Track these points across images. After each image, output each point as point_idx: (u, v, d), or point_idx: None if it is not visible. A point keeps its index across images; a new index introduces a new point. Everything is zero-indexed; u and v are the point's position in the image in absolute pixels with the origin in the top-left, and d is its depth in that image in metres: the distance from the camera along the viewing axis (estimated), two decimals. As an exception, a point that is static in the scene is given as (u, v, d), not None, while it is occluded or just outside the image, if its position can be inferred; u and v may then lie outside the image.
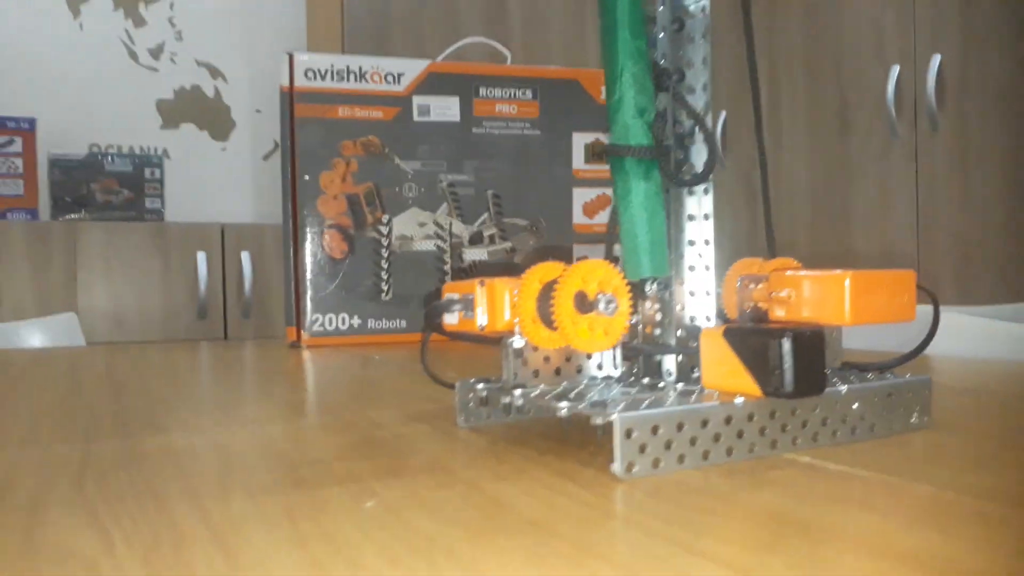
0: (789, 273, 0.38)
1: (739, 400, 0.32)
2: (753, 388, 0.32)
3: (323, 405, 0.49)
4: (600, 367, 0.39)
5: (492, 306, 0.36)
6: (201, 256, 1.89)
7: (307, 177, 0.97)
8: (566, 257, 1.05)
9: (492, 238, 1.03)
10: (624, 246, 0.36)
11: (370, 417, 0.43)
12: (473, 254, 1.03)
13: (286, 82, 0.97)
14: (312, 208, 0.97)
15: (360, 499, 0.27)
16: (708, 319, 0.38)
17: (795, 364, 0.31)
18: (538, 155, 1.04)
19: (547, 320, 0.33)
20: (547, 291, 0.33)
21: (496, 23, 2.23)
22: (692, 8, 0.38)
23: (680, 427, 0.30)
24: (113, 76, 2.15)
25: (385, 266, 1.00)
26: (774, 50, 1.99)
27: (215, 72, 2.26)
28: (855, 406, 0.35)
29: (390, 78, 1.00)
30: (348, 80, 0.98)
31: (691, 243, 0.38)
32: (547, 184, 1.04)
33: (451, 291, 0.39)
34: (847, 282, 0.35)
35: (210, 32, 2.27)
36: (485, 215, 1.03)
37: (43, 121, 1.98)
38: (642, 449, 0.29)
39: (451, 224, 1.01)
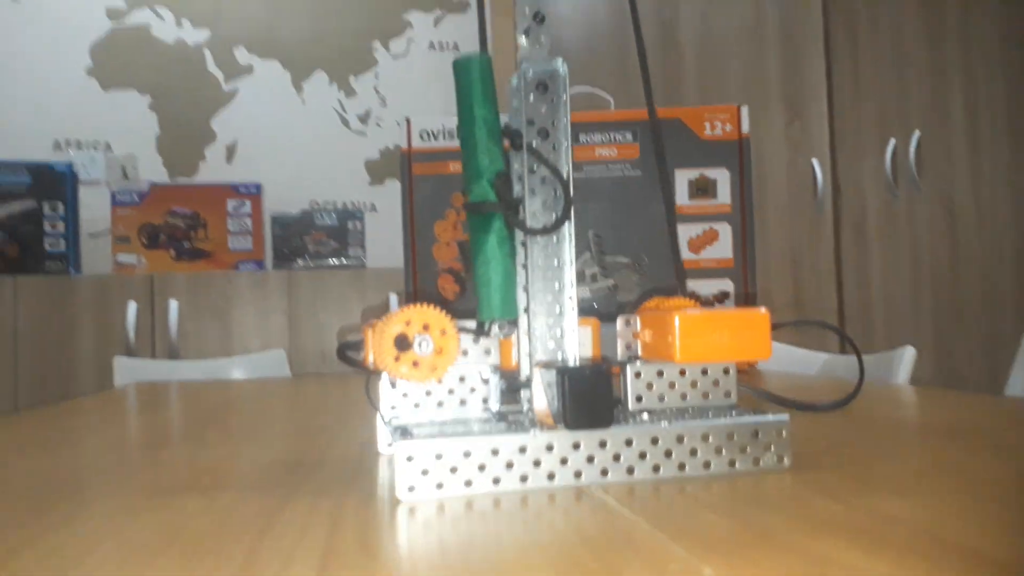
0: (645, 313, 0.40)
1: (535, 431, 0.35)
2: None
3: (319, 430, 0.57)
4: (486, 401, 0.43)
5: (376, 346, 0.42)
6: (393, 297, 2.09)
7: (423, 227, 1.08)
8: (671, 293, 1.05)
9: (594, 276, 1.07)
10: (477, 291, 0.40)
11: (343, 443, 0.51)
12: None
13: (405, 144, 1.09)
14: (428, 254, 1.08)
15: (168, 506, 0.34)
16: (575, 357, 0.41)
17: (572, 399, 0.34)
18: (640, 194, 1.06)
19: (386, 358, 0.38)
20: (392, 334, 0.39)
21: (670, 57, 2.25)
22: (561, 71, 0.42)
23: (467, 454, 0.34)
24: (328, 142, 2.47)
25: (493, 306, 1.07)
26: (970, 63, 1.81)
27: (414, 130, 2.51)
28: (683, 443, 0.36)
29: (495, 132, 1.08)
30: (456, 138, 1.08)
31: (558, 287, 0.41)
32: (649, 222, 1.06)
33: (366, 333, 0.45)
34: (676, 321, 0.37)
35: (410, 97, 2.52)
36: (587, 254, 1.07)
37: (269, 185, 2.33)
38: (424, 473, 0.34)
39: (555, 265, 1.07)
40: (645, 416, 0.40)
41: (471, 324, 0.41)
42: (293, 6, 2.49)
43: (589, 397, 0.34)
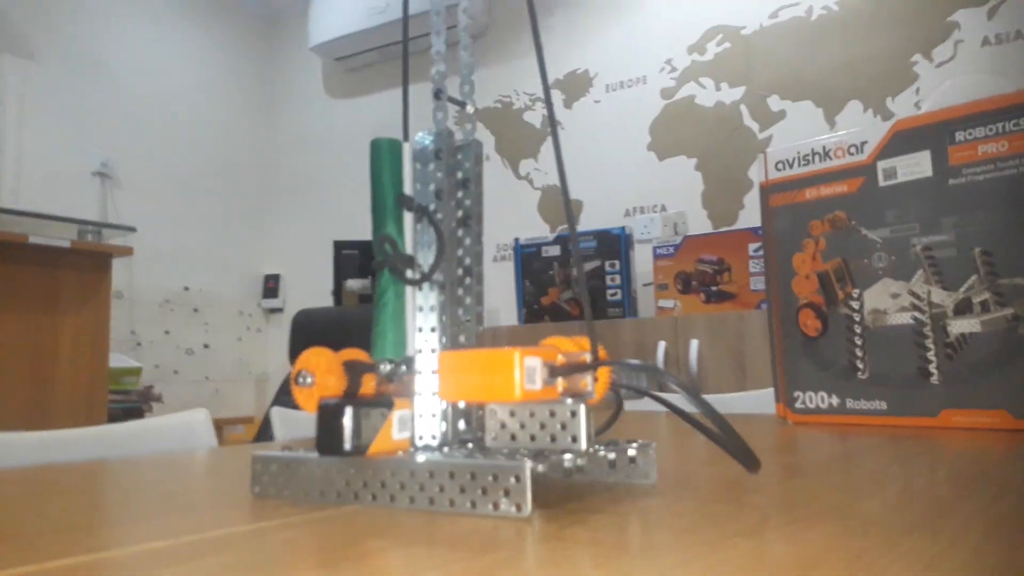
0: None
1: (316, 456, 0.42)
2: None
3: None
4: (421, 438, 0.49)
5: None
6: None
7: (782, 260, 1.02)
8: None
9: (985, 305, 0.84)
10: (373, 332, 0.47)
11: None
12: (961, 326, 0.86)
13: (763, 178, 1.05)
14: (787, 289, 1.01)
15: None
16: (434, 394, 0.45)
17: (319, 428, 0.40)
18: (1043, 195, 0.81)
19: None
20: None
21: None
22: (450, 142, 0.47)
23: (288, 467, 0.43)
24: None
25: (859, 343, 0.94)
26: None
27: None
28: (430, 478, 0.38)
29: (853, 149, 0.96)
30: (813, 162, 1.00)
31: (420, 330, 0.46)
32: (1061, 230, 0.79)
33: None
34: (440, 360, 0.39)
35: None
36: (973, 278, 0.85)
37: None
38: (268, 479, 0.44)
39: (929, 293, 0.88)
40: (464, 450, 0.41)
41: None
42: (823, 44, 2.45)
43: (333, 428, 0.39)
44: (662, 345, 2.18)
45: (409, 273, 0.46)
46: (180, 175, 3.51)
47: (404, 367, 0.46)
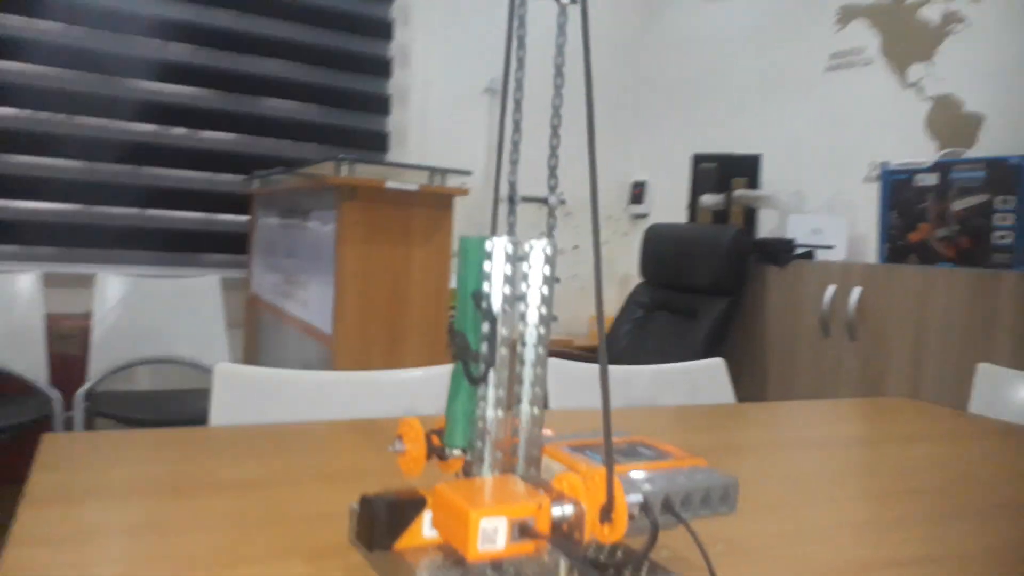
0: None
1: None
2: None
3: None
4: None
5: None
6: None
7: None
8: None
9: None
10: (446, 418, 0.50)
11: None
12: None
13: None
14: None
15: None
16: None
17: (359, 520, 0.45)
18: None
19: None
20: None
21: None
22: (528, 249, 0.47)
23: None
24: None
25: None
26: None
27: None
28: None
29: None
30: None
31: (480, 420, 0.48)
32: None
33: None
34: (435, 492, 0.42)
35: None
36: None
37: None
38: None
39: None
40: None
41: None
42: None
43: (362, 521, 0.44)
44: (1051, 309, 1.78)
45: (473, 369, 0.48)
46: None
47: (470, 455, 0.49)
